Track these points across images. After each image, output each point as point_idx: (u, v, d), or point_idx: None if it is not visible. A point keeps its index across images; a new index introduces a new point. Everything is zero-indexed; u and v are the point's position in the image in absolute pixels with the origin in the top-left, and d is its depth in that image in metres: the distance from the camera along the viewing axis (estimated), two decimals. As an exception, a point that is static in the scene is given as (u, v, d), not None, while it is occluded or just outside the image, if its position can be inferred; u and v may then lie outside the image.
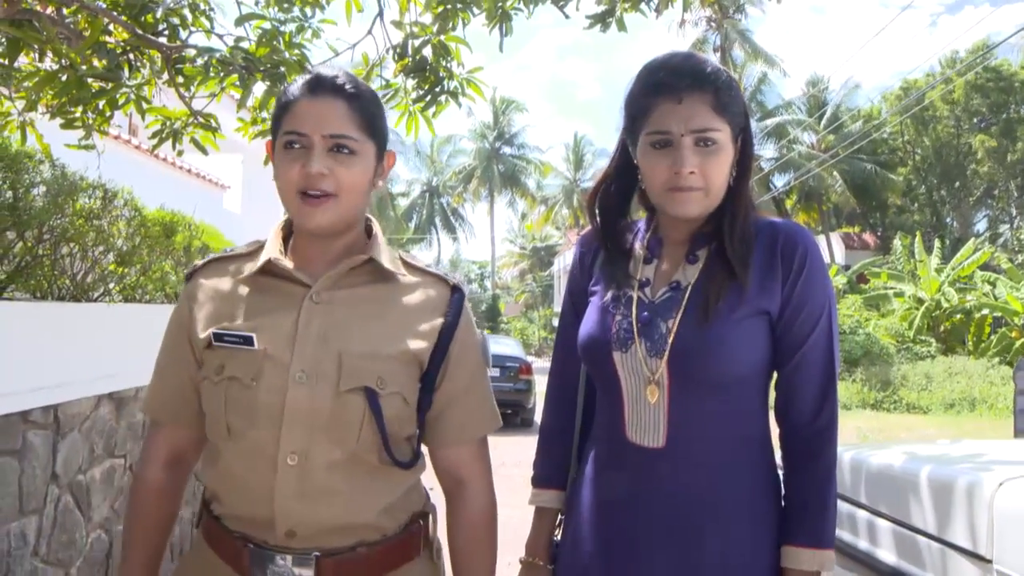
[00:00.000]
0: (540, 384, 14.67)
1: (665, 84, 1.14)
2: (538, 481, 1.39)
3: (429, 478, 1.24)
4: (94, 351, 2.80)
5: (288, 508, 1.06)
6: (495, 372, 11.47)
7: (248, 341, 1.07)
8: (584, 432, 1.36)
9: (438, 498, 1.26)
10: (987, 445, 2.18)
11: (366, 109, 1.11)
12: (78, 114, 2.95)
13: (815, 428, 1.17)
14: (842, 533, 1.78)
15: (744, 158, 1.20)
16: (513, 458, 9.00)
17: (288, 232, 1.20)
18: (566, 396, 1.38)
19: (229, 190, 10.26)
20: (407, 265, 1.20)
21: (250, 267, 1.14)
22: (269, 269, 1.12)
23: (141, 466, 1.20)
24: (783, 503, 1.21)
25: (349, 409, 1.07)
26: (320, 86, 1.10)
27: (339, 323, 1.10)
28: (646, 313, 1.20)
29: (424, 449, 1.21)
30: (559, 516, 1.37)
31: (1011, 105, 27.22)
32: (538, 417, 10.36)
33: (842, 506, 1.80)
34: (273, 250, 1.13)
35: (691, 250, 1.23)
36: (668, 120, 1.13)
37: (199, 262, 1.20)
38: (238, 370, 1.07)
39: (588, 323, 1.27)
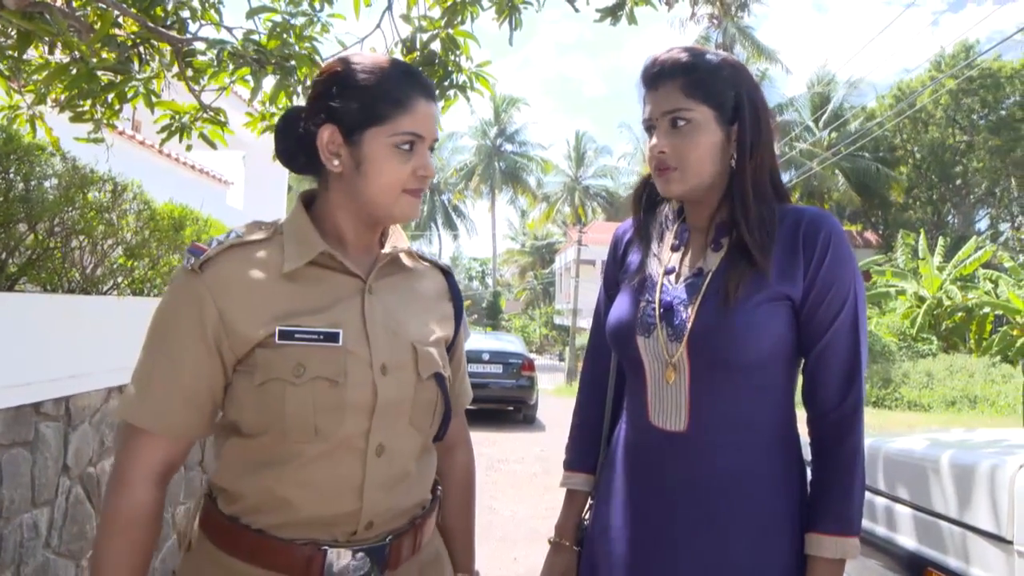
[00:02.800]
0: (542, 381, 14.64)
1: (646, 75, 1.23)
2: (569, 464, 1.43)
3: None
4: (104, 344, 2.80)
5: (374, 499, 1.06)
6: (497, 369, 11.47)
7: (332, 337, 1.04)
8: (615, 417, 1.39)
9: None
10: (1003, 433, 2.20)
11: None
12: (87, 107, 2.96)
13: (840, 413, 1.16)
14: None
15: (743, 140, 1.20)
16: (516, 455, 9.04)
17: None
18: (598, 382, 1.44)
19: (232, 186, 10.26)
20: (409, 253, 1.23)
21: (288, 256, 1.07)
22: (318, 261, 1.08)
23: (127, 485, 1.03)
24: (809, 489, 1.21)
25: (428, 396, 1.12)
26: (432, 90, 1.12)
27: (394, 313, 1.12)
28: (668, 299, 1.23)
29: None
30: (589, 499, 1.40)
31: (1008, 98, 27.32)
32: (540, 414, 10.40)
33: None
34: (320, 241, 1.08)
35: (715, 237, 1.25)
36: (649, 107, 1.22)
37: (210, 251, 1.06)
38: (324, 369, 1.02)
39: (616, 310, 1.31)
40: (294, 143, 1.14)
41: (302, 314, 1.04)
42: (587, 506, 1.40)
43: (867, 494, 1.78)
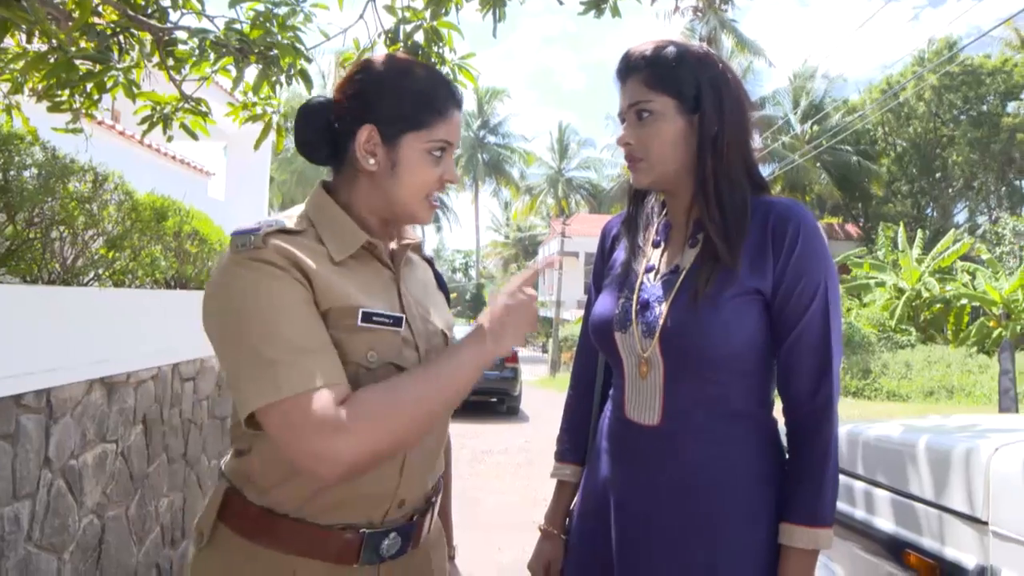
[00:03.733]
0: (525, 373, 14.65)
1: (617, 70, 1.28)
2: (559, 456, 1.48)
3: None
4: (86, 336, 2.78)
5: (410, 476, 1.11)
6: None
7: (398, 322, 1.07)
8: (602, 410, 1.42)
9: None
10: (978, 418, 2.25)
11: None
12: (65, 97, 2.92)
13: (813, 406, 1.16)
14: (840, 504, 1.83)
15: (704, 128, 1.21)
16: (500, 445, 9.07)
17: None
18: (587, 375, 1.48)
19: (213, 177, 10.18)
20: (414, 247, 1.29)
21: (332, 246, 1.08)
22: (357, 252, 1.10)
23: (338, 432, 0.93)
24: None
25: None
26: (462, 100, 1.17)
27: (421, 301, 1.18)
28: (645, 296, 1.25)
29: None
30: (578, 489, 1.43)
31: (988, 97, 27.80)
32: (523, 405, 10.45)
33: (839, 478, 1.85)
34: (361, 232, 1.11)
35: (692, 234, 1.26)
36: (620, 101, 1.27)
37: (265, 229, 1.02)
38: (390, 354, 1.06)
39: (598, 306, 1.34)
40: (319, 135, 1.14)
41: (366, 300, 1.07)
42: (576, 496, 1.43)
43: (847, 479, 1.82)
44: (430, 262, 1.34)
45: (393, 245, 1.18)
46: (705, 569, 1.16)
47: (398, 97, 1.10)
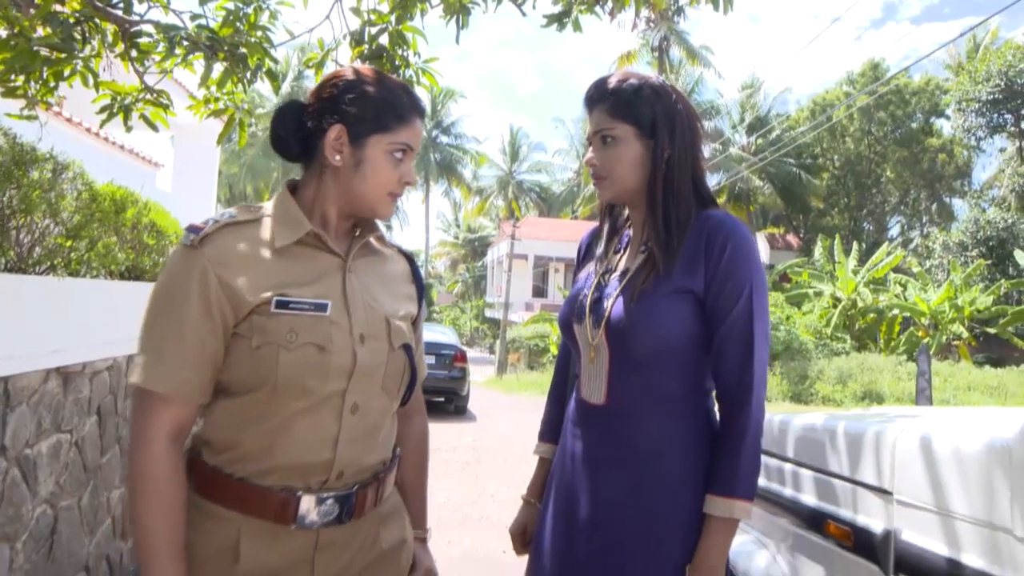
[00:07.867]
0: (474, 373, 14.64)
1: (584, 100, 1.47)
2: (539, 435, 1.70)
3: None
4: (43, 325, 2.78)
5: (346, 451, 1.21)
6: (430, 360, 11.56)
7: (321, 308, 1.18)
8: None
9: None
10: (893, 409, 2.47)
11: None
12: (20, 83, 2.90)
13: (737, 392, 1.32)
14: (771, 484, 2.01)
15: (657, 152, 1.40)
16: (448, 444, 9.14)
17: None
18: (564, 365, 1.71)
19: (162, 168, 9.98)
20: (379, 238, 1.40)
21: (279, 234, 1.20)
22: (304, 240, 1.22)
23: (145, 444, 1.12)
24: None
25: (398, 364, 1.28)
26: (424, 111, 1.32)
27: (370, 289, 1.28)
28: (599, 294, 1.46)
29: None
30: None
31: (916, 115, 29.24)
32: (471, 405, 10.50)
33: (771, 461, 2.03)
34: (308, 223, 1.22)
35: (644, 241, 1.45)
36: (588, 127, 1.46)
37: (207, 228, 1.18)
38: (314, 336, 1.16)
39: (565, 302, 1.55)
40: (291, 133, 1.27)
41: (292, 285, 1.18)
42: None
43: (778, 461, 2.00)
44: (410, 258, 1.47)
45: (359, 234, 1.31)
46: (641, 535, 1.32)
47: (366, 102, 1.23)
